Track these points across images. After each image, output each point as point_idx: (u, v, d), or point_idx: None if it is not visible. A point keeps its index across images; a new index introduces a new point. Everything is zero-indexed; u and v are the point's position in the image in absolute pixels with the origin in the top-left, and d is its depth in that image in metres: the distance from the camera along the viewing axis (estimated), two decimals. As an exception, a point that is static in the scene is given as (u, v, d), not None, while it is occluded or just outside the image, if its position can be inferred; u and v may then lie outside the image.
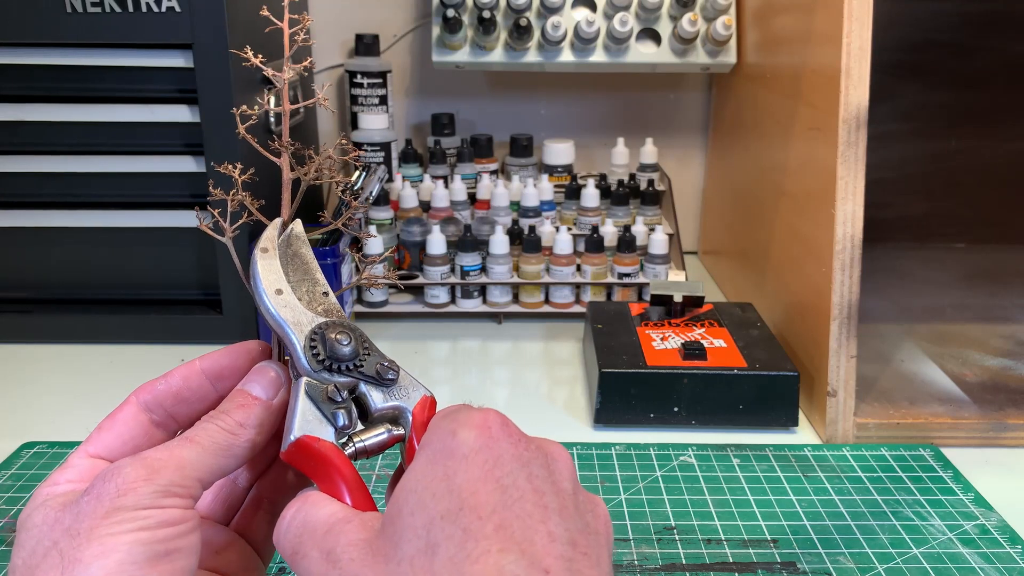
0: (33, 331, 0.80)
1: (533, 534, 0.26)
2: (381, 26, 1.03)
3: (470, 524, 0.26)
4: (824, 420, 0.64)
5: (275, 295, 0.33)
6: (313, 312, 0.34)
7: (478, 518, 0.26)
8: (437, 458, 0.28)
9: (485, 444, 0.28)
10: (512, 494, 0.27)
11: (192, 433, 0.31)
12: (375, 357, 0.34)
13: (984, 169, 1.02)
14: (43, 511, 0.29)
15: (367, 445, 0.32)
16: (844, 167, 0.61)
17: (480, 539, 0.26)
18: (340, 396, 0.32)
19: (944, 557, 0.50)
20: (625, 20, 0.88)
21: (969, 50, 0.98)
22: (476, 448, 0.28)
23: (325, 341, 0.33)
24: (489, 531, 0.26)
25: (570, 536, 0.27)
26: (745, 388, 0.65)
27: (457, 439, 0.28)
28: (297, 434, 0.31)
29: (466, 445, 0.28)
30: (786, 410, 0.65)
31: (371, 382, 0.33)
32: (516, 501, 0.27)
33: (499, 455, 0.28)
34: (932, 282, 0.94)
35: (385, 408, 0.33)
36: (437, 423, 0.30)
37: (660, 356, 0.66)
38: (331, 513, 0.29)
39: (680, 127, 1.09)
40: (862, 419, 0.63)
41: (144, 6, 0.71)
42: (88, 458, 0.32)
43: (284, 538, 0.30)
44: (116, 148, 0.77)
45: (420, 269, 0.86)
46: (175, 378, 0.34)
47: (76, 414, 0.68)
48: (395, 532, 0.27)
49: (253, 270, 0.34)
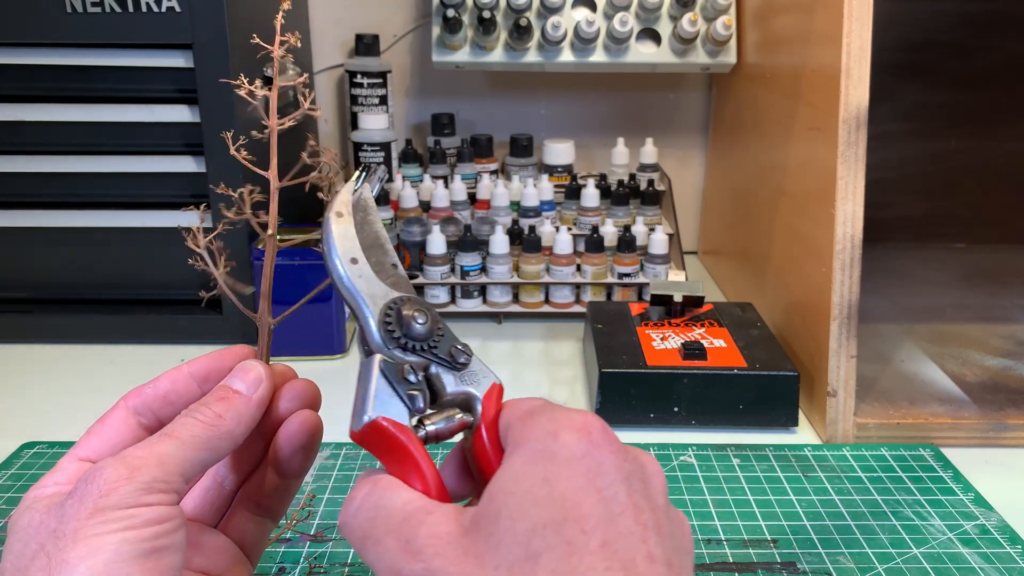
0: (33, 331, 0.80)
1: (635, 553, 0.26)
2: (381, 26, 1.03)
3: (574, 537, 0.25)
4: (824, 420, 0.64)
5: (350, 264, 0.32)
6: (384, 284, 0.32)
7: (582, 531, 0.26)
8: (537, 459, 0.27)
9: (587, 451, 0.28)
10: (614, 508, 0.26)
11: (170, 428, 0.31)
12: (448, 338, 0.32)
13: (984, 169, 1.02)
14: (29, 514, 0.29)
15: (440, 430, 0.31)
16: (844, 167, 0.61)
17: (584, 554, 0.25)
18: (416, 377, 0.31)
19: (944, 557, 0.50)
20: (625, 20, 0.88)
21: (969, 50, 0.98)
22: (579, 455, 0.27)
23: (401, 318, 0.31)
24: (594, 547, 0.25)
25: (666, 557, 0.26)
26: (745, 388, 0.65)
27: (559, 442, 0.28)
28: (372, 414, 0.30)
29: (568, 449, 0.27)
30: (786, 410, 0.65)
31: (444, 364, 0.32)
32: (618, 516, 0.26)
33: (600, 463, 0.27)
34: (932, 282, 0.94)
35: (456, 393, 0.32)
36: (535, 421, 0.29)
37: (660, 356, 0.66)
38: (407, 500, 0.29)
39: (680, 127, 1.09)
40: (862, 419, 0.63)
41: (144, 6, 0.71)
42: (77, 462, 0.32)
43: (353, 520, 0.29)
44: (116, 148, 0.77)
45: (420, 269, 0.86)
46: (163, 382, 0.34)
47: (76, 414, 0.68)
48: (492, 535, 0.26)
49: (327, 236, 0.32)
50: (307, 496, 0.55)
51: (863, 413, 0.64)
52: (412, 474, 0.29)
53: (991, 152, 1.02)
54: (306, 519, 0.53)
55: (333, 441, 0.63)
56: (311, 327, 0.76)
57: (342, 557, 0.50)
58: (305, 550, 0.50)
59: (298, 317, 0.76)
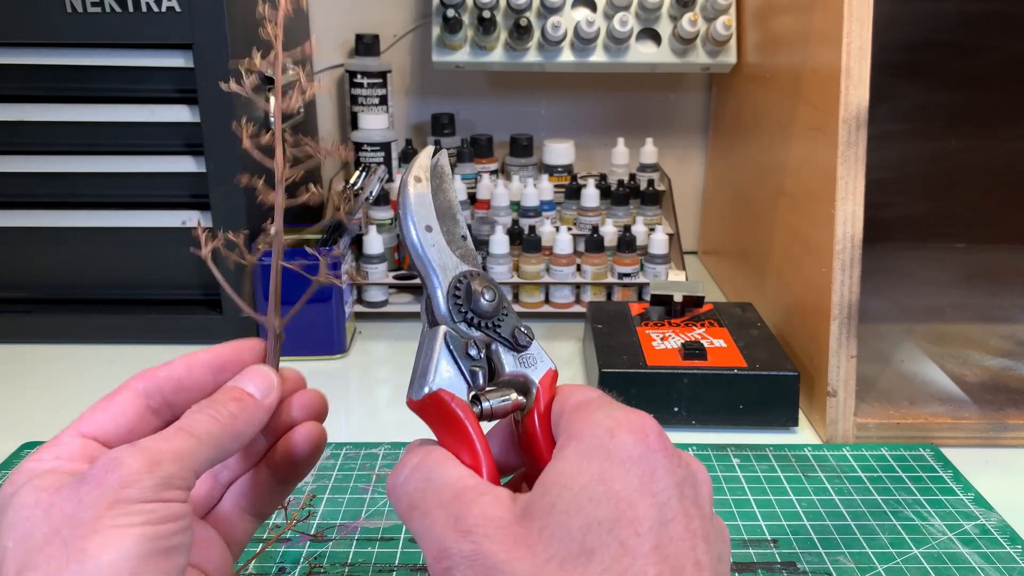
0: (33, 331, 0.80)
1: (685, 561, 0.26)
2: (381, 26, 1.03)
3: (627, 538, 0.26)
4: (824, 420, 0.64)
5: (424, 231, 0.32)
6: (455, 256, 0.32)
7: (636, 534, 0.26)
8: (593, 456, 0.28)
9: (643, 454, 0.28)
10: (667, 513, 0.27)
11: (187, 423, 0.30)
12: (512, 319, 0.32)
13: (984, 169, 1.02)
14: (33, 493, 0.28)
15: (495, 408, 0.31)
16: (844, 167, 0.61)
17: (637, 557, 0.25)
18: (478, 352, 0.31)
19: (944, 557, 0.50)
20: (625, 20, 0.89)
21: (969, 50, 0.98)
22: (635, 456, 0.28)
23: (470, 292, 0.31)
24: (646, 550, 0.26)
25: (712, 565, 0.27)
26: (745, 388, 0.65)
27: (616, 441, 0.28)
28: (434, 386, 0.30)
29: (625, 450, 0.28)
30: (786, 410, 0.65)
31: (505, 344, 0.32)
32: (670, 521, 0.27)
33: (655, 468, 0.28)
34: (932, 282, 0.94)
35: (514, 373, 0.32)
36: (591, 415, 0.29)
37: (660, 356, 0.66)
38: (459, 477, 0.29)
39: (680, 127, 1.09)
40: (862, 419, 0.63)
41: (144, 6, 0.71)
42: (80, 437, 0.31)
43: (402, 488, 0.29)
44: (116, 148, 0.77)
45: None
46: (178, 367, 0.33)
47: (76, 414, 0.68)
48: (545, 526, 0.26)
49: (404, 199, 0.32)
50: (307, 496, 0.55)
51: (863, 413, 0.64)
52: (464, 449, 0.29)
53: (991, 152, 1.02)
54: (306, 519, 0.53)
55: (333, 441, 0.63)
56: (311, 327, 0.76)
57: (342, 557, 0.50)
58: (305, 550, 0.50)
59: (298, 317, 0.76)
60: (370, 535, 0.51)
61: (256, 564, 0.49)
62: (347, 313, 0.78)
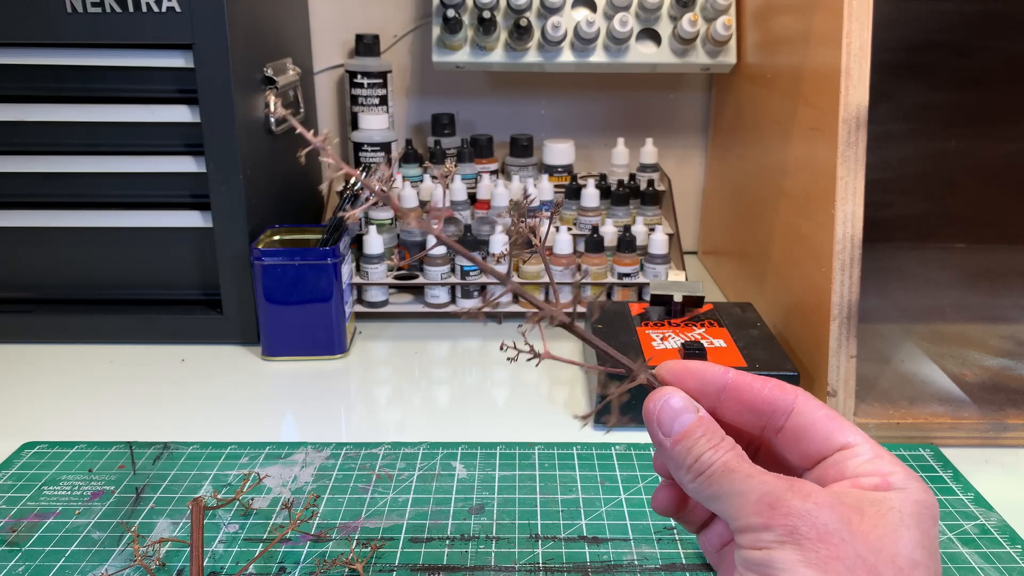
0: (33, 331, 0.80)
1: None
2: (381, 26, 1.03)
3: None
4: (824, 420, 0.64)
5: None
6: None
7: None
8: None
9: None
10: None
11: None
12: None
13: (984, 169, 1.02)
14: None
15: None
16: (844, 167, 0.61)
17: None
18: None
19: (944, 557, 0.50)
20: (625, 20, 0.89)
21: (969, 50, 0.98)
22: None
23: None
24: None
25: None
26: (745, 388, 0.65)
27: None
28: None
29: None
30: (786, 410, 0.65)
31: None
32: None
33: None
34: (932, 282, 0.94)
35: None
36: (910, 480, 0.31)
37: (660, 356, 0.66)
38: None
39: (680, 127, 1.09)
40: (862, 419, 0.63)
41: (144, 6, 0.71)
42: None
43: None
44: (116, 148, 0.77)
45: (420, 269, 0.86)
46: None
47: (77, 414, 0.68)
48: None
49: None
50: (311, 496, 0.55)
51: (863, 413, 0.64)
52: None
53: (991, 152, 1.02)
54: (309, 519, 0.53)
55: (333, 441, 0.63)
56: (311, 327, 0.76)
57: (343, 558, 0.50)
58: (306, 550, 0.50)
59: (298, 317, 0.77)
60: (370, 535, 0.52)
61: (257, 564, 0.49)
62: (347, 313, 0.78)
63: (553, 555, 0.50)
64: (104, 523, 0.53)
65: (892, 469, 0.30)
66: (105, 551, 0.50)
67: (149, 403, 0.70)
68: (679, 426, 0.32)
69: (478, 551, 0.50)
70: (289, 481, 0.57)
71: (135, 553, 0.48)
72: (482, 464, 0.60)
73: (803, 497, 0.28)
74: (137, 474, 0.58)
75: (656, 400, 0.32)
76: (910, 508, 0.29)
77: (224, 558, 0.49)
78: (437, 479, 0.58)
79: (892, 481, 0.29)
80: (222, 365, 0.76)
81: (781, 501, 0.28)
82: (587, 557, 0.50)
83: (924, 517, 0.29)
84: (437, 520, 0.53)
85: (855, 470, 0.30)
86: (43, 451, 0.61)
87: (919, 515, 0.29)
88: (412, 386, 0.73)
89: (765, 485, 0.29)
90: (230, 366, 0.76)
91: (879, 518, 0.28)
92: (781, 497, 0.28)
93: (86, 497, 0.56)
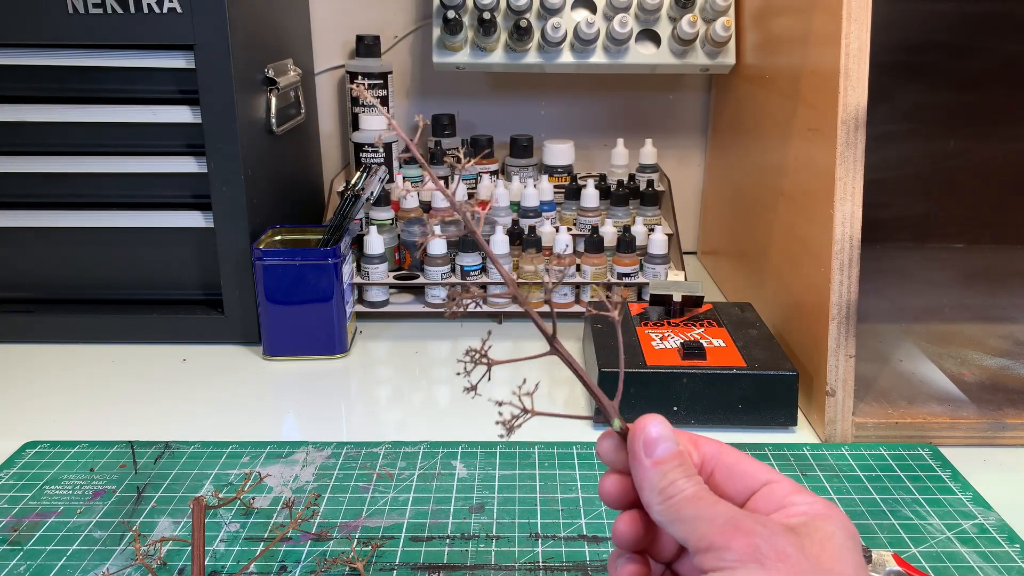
0: (35, 331, 0.81)
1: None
2: (382, 27, 1.03)
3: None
4: (823, 420, 0.64)
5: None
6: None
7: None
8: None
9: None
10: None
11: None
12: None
13: (984, 169, 1.03)
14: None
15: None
16: (843, 167, 0.62)
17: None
18: None
19: (943, 556, 0.50)
20: (625, 21, 0.89)
21: (969, 50, 0.98)
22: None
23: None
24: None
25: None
26: (744, 388, 0.65)
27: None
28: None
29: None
30: (785, 410, 0.65)
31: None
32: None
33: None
34: (931, 282, 0.94)
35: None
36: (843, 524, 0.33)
37: (659, 356, 0.67)
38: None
39: (680, 127, 1.09)
40: (861, 419, 0.64)
41: (145, 7, 0.71)
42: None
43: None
44: (118, 149, 0.78)
45: (420, 269, 0.86)
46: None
47: (77, 414, 0.68)
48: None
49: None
50: (311, 495, 0.55)
51: (862, 413, 0.64)
52: None
53: (991, 152, 1.02)
54: (310, 518, 0.53)
55: (333, 440, 0.63)
56: (312, 327, 0.76)
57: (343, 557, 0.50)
58: (307, 549, 0.50)
59: (299, 317, 0.77)
60: (371, 534, 0.52)
61: (258, 563, 0.49)
62: (347, 313, 0.78)
63: (553, 554, 0.50)
64: (105, 522, 0.53)
65: (814, 499, 0.33)
66: (106, 550, 0.50)
67: (150, 403, 0.70)
68: (661, 451, 0.35)
69: (478, 550, 0.50)
70: (290, 480, 0.58)
71: (136, 552, 0.49)
72: (482, 463, 0.60)
73: (763, 522, 0.31)
74: (138, 473, 0.59)
75: (647, 422, 0.35)
76: (844, 533, 0.31)
77: (225, 557, 0.50)
78: (437, 478, 0.58)
79: (818, 509, 0.32)
80: (223, 365, 0.77)
81: (744, 523, 0.31)
82: (587, 556, 0.50)
83: (856, 541, 0.32)
84: (437, 519, 0.53)
85: (782, 500, 0.33)
86: (45, 450, 0.62)
87: (854, 539, 0.32)
88: (412, 386, 0.73)
89: (730, 511, 0.32)
90: (231, 366, 0.76)
91: (825, 542, 0.31)
92: (743, 521, 0.31)
93: (87, 496, 0.56)
